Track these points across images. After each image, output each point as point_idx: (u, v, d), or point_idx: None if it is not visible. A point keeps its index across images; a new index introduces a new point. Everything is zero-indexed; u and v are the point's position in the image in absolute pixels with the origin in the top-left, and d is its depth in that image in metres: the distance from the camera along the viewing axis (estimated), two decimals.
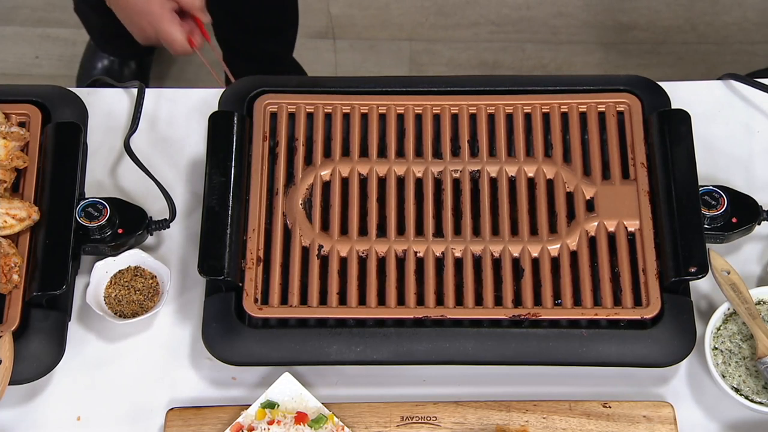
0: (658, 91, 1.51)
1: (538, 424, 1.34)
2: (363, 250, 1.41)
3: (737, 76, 1.59)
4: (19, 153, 1.43)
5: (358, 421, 1.34)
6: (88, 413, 1.38)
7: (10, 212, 1.37)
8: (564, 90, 1.51)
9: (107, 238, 1.41)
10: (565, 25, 2.69)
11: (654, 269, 1.38)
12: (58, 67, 2.63)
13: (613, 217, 1.42)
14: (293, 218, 1.43)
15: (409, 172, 1.46)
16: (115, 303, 1.43)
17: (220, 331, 1.36)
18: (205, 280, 1.39)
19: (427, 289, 1.38)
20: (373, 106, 1.50)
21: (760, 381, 1.36)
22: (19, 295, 1.35)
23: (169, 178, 1.51)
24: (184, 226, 1.49)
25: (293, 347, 1.35)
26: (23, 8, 2.71)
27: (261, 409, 1.33)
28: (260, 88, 1.51)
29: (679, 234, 1.37)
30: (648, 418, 1.34)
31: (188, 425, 1.34)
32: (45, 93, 1.51)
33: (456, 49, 2.65)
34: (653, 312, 1.36)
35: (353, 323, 1.37)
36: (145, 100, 1.55)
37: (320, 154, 1.47)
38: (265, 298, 1.38)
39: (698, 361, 1.39)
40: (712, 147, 1.54)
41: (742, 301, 1.37)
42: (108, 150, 1.54)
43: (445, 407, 1.35)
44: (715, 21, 2.69)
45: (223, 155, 1.43)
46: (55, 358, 1.36)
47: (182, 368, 1.40)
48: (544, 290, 1.38)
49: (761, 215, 1.43)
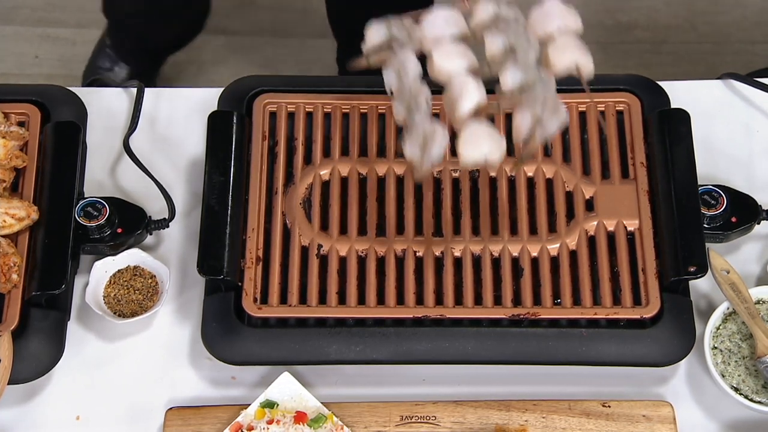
0: (657, 91, 1.51)
1: (537, 423, 1.34)
2: (362, 250, 1.41)
3: (737, 75, 1.59)
4: (18, 152, 1.43)
5: (358, 420, 1.34)
6: (88, 413, 1.38)
7: (9, 212, 1.37)
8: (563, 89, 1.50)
9: (106, 238, 1.41)
10: None
11: (653, 269, 1.38)
12: (57, 66, 2.63)
13: (612, 217, 1.42)
14: (292, 218, 1.43)
15: (408, 171, 1.46)
16: (115, 302, 1.42)
17: (220, 331, 1.36)
18: (204, 280, 1.39)
19: (426, 289, 1.38)
20: (372, 106, 1.50)
21: (759, 380, 1.36)
22: (18, 294, 1.35)
23: (168, 178, 1.51)
24: (183, 225, 1.49)
25: (292, 347, 1.35)
26: (23, 8, 2.71)
27: (260, 408, 1.33)
28: (259, 88, 1.51)
29: (679, 233, 1.37)
30: (647, 418, 1.34)
31: (187, 425, 1.34)
32: (44, 92, 1.51)
33: None
34: (653, 311, 1.36)
35: (352, 323, 1.37)
36: (144, 100, 1.55)
37: (319, 154, 1.47)
38: (264, 297, 1.38)
39: (698, 361, 1.39)
40: (711, 146, 1.54)
41: (742, 301, 1.37)
42: (107, 149, 1.54)
43: (444, 407, 1.35)
44: (715, 20, 2.69)
45: (223, 155, 1.43)
46: (55, 357, 1.36)
47: (181, 368, 1.40)
48: (543, 290, 1.38)
49: (761, 215, 1.43)
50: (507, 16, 1.33)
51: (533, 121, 1.27)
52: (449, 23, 1.34)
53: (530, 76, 1.28)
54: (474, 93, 1.29)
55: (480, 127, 1.28)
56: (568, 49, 1.31)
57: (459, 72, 1.31)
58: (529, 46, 1.31)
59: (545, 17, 1.33)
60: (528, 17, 1.34)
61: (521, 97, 1.28)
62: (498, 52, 1.32)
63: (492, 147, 1.27)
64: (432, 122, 1.29)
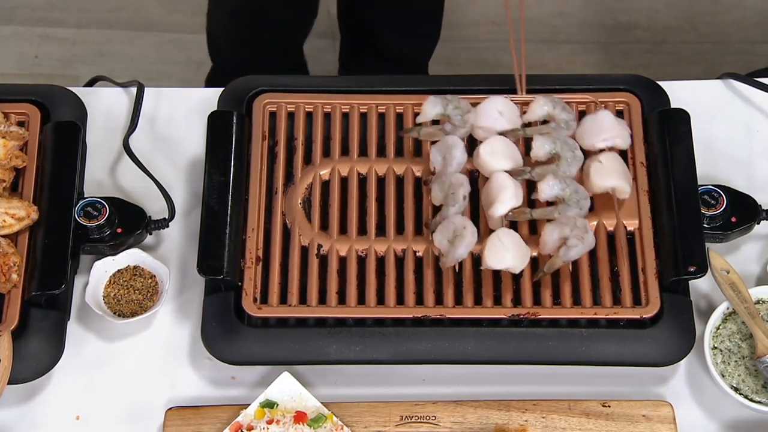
0: (657, 91, 1.51)
1: (537, 423, 1.34)
2: (362, 250, 1.41)
3: (737, 75, 1.59)
4: (18, 152, 1.43)
5: (358, 420, 1.34)
6: (88, 413, 1.38)
7: (9, 211, 1.37)
8: (564, 89, 1.51)
9: (106, 238, 1.41)
10: (565, 25, 2.69)
11: (653, 268, 1.38)
12: (57, 66, 2.63)
13: (612, 217, 1.42)
14: (292, 217, 1.43)
15: (408, 171, 1.46)
16: (115, 302, 1.42)
17: (220, 331, 1.35)
18: (204, 280, 1.39)
19: (426, 289, 1.38)
20: (372, 106, 1.50)
21: (759, 380, 1.36)
22: (18, 294, 1.35)
23: (168, 178, 1.51)
24: (183, 225, 1.49)
25: (292, 347, 1.35)
26: (23, 8, 2.71)
27: (260, 408, 1.33)
28: (259, 88, 1.51)
29: (679, 233, 1.37)
30: (647, 418, 1.34)
31: (187, 425, 1.34)
32: (44, 92, 1.51)
33: (455, 49, 2.65)
34: (652, 311, 1.36)
35: (352, 323, 1.37)
36: (144, 100, 1.55)
37: (319, 154, 1.47)
38: (264, 297, 1.38)
39: (698, 361, 1.39)
40: (711, 146, 1.54)
41: (742, 301, 1.37)
42: (107, 149, 1.54)
43: (444, 406, 1.35)
44: (714, 20, 2.69)
45: (223, 155, 1.43)
46: (54, 357, 1.36)
47: (181, 368, 1.40)
48: (543, 289, 1.38)
49: (760, 215, 1.43)
50: (560, 118, 1.38)
51: (560, 241, 1.34)
52: (503, 116, 1.41)
53: (567, 192, 1.36)
54: (509, 202, 1.36)
55: (506, 238, 1.34)
56: (610, 175, 1.38)
57: (501, 173, 1.38)
58: (574, 159, 1.39)
59: (597, 129, 1.40)
60: (581, 124, 1.41)
61: (555, 209, 1.36)
62: (543, 156, 1.40)
63: (515, 261, 1.34)
64: (464, 219, 1.36)
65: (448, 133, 1.42)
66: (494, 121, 1.42)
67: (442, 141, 1.42)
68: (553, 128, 1.41)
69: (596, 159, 1.39)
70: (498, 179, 1.37)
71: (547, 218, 1.37)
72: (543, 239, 1.36)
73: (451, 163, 1.39)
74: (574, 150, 1.40)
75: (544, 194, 1.37)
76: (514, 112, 1.43)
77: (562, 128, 1.41)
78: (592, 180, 1.38)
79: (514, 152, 1.41)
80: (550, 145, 1.39)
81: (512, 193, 1.36)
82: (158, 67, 2.62)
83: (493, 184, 1.38)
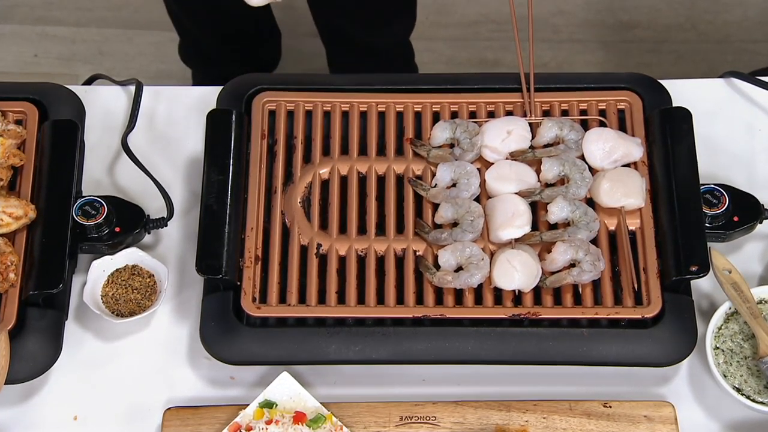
0: (659, 89, 1.50)
1: (538, 423, 1.33)
2: (362, 249, 1.40)
3: (739, 74, 1.58)
4: (15, 151, 1.42)
5: (357, 420, 1.34)
6: (86, 412, 1.37)
7: (6, 210, 1.37)
8: (565, 88, 1.50)
9: (104, 237, 1.41)
10: (566, 24, 2.68)
11: (655, 268, 1.37)
12: (56, 65, 2.63)
13: (613, 216, 1.41)
14: (292, 217, 1.42)
15: (408, 170, 1.45)
16: (113, 302, 1.42)
17: (218, 330, 1.35)
18: (203, 279, 1.38)
19: (426, 288, 1.37)
20: (372, 104, 1.50)
21: (761, 381, 1.35)
22: (16, 293, 1.35)
23: (166, 177, 1.50)
24: (181, 224, 1.48)
25: (292, 346, 1.34)
26: (22, 6, 2.71)
27: (259, 408, 1.33)
28: (259, 86, 1.50)
29: (680, 233, 1.36)
30: (649, 418, 1.34)
31: (186, 425, 1.33)
32: (42, 90, 1.50)
33: (456, 48, 2.65)
34: (654, 311, 1.35)
35: (352, 322, 1.36)
36: (143, 98, 1.55)
37: (319, 152, 1.47)
38: (263, 297, 1.37)
39: (699, 361, 1.39)
40: (713, 145, 1.53)
41: (744, 301, 1.36)
42: (105, 148, 1.54)
43: (444, 407, 1.34)
44: (716, 19, 2.69)
45: (222, 153, 1.42)
46: (52, 357, 1.35)
47: (180, 367, 1.40)
48: (543, 289, 1.37)
49: (763, 214, 1.43)
50: (568, 138, 1.42)
51: (570, 262, 1.36)
52: (511, 135, 1.42)
53: (577, 215, 1.37)
54: (524, 228, 1.37)
55: (515, 259, 1.35)
56: (618, 194, 1.39)
57: (512, 195, 1.39)
58: (583, 181, 1.40)
59: (604, 149, 1.42)
60: (586, 142, 1.42)
61: (564, 232, 1.37)
62: (552, 178, 1.41)
63: (523, 281, 1.34)
64: (476, 247, 1.36)
65: (458, 157, 1.42)
66: (502, 141, 1.42)
67: (456, 165, 1.42)
68: (562, 150, 1.41)
69: (604, 177, 1.40)
70: (511, 202, 1.38)
71: (556, 241, 1.37)
72: (553, 257, 1.36)
73: (468, 189, 1.40)
74: (582, 171, 1.41)
75: (553, 216, 1.38)
76: (523, 128, 1.43)
77: (570, 149, 1.42)
78: (602, 201, 1.40)
79: (523, 172, 1.41)
80: (559, 168, 1.41)
81: (527, 220, 1.37)
82: (157, 65, 2.62)
83: (505, 205, 1.38)
